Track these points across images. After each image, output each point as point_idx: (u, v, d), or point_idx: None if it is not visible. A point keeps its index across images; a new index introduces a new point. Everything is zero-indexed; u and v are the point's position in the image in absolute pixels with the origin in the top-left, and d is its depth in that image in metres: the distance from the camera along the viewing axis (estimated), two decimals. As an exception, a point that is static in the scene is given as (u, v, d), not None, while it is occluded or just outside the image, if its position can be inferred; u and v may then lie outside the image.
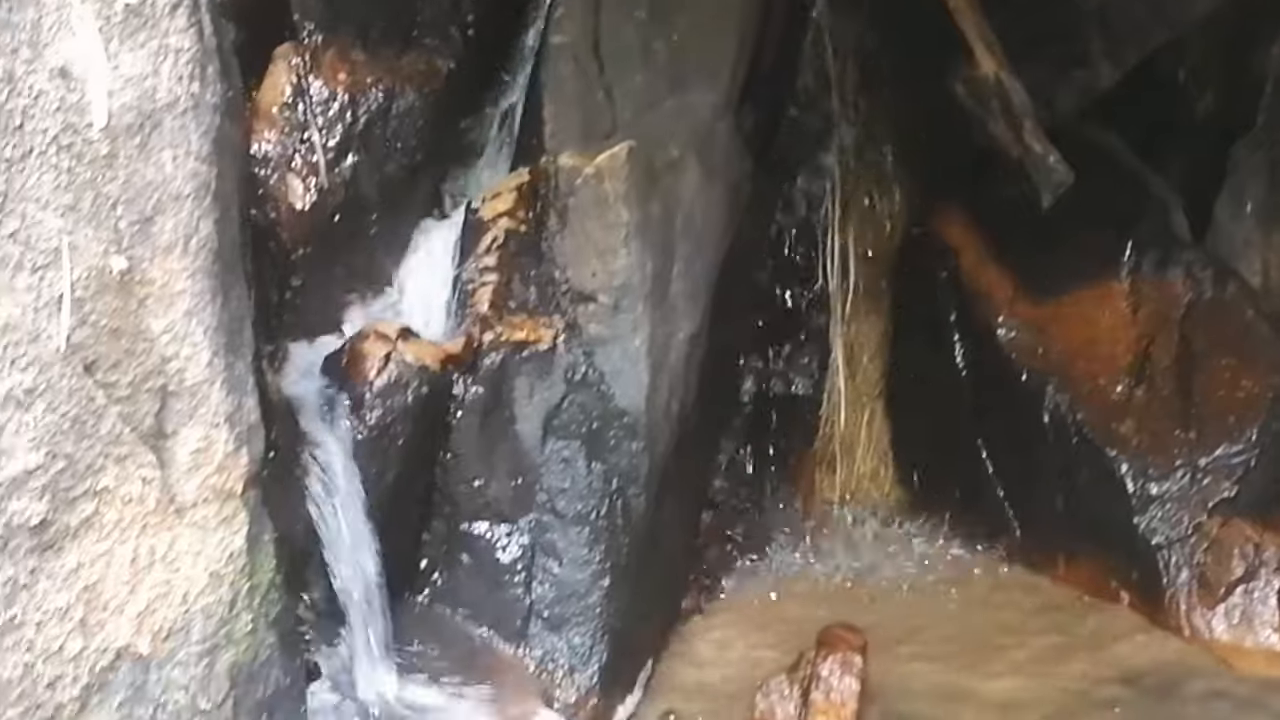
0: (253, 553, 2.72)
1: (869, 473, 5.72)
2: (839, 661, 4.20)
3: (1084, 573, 4.94)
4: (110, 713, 2.37)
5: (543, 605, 4.02)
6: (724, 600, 4.98)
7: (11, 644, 2.18)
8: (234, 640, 2.66)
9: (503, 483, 4.01)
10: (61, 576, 2.26)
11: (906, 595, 5.07)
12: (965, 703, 4.37)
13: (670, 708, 4.33)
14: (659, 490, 4.27)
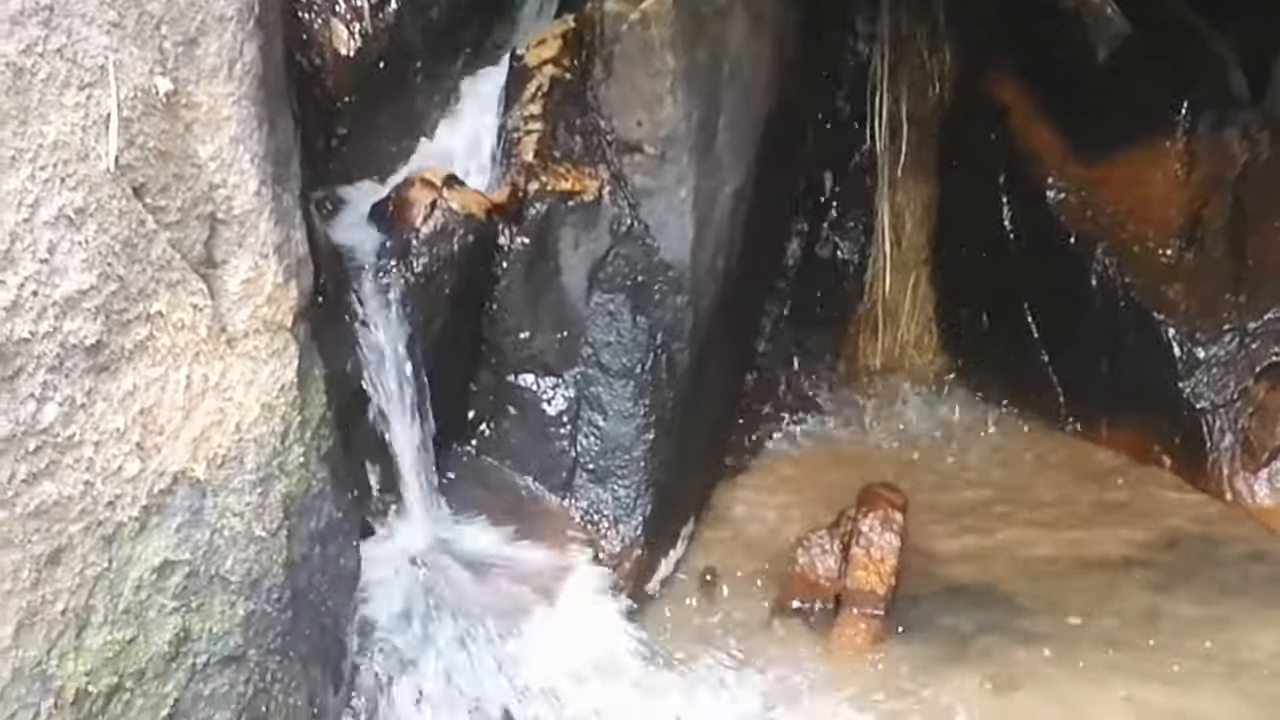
0: (304, 387, 2.74)
1: (913, 339, 5.70)
2: (880, 518, 4.24)
3: (1127, 438, 4.92)
4: (169, 535, 2.42)
5: (588, 458, 4.06)
6: (766, 461, 5.00)
7: (71, 462, 2.21)
8: (286, 472, 2.70)
9: (548, 335, 4.01)
10: (118, 399, 2.29)
11: (948, 459, 5.09)
12: (1003, 563, 4.40)
13: (711, 563, 4.38)
14: (703, 346, 4.27)
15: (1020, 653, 3.90)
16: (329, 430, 2.86)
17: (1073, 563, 4.36)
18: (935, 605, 4.14)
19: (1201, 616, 4.02)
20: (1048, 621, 4.04)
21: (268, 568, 2.64)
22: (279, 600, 2.69)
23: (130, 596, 2.36)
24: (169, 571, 2.43)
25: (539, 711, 3.45)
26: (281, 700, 2.73)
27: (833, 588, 4.16)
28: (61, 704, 2.23)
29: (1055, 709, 3.68)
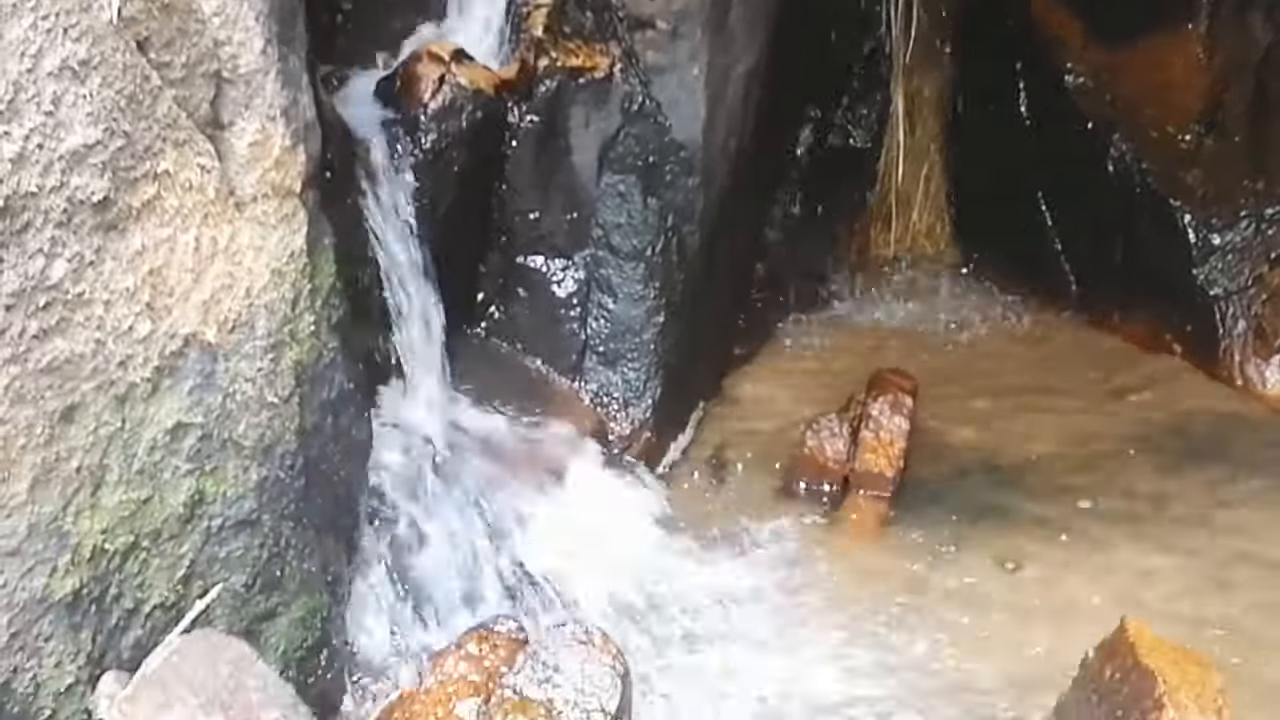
0: (313, 255, 2.73)
1: (925, 228, 5.67)
2: (889, 401, 4.25)
3: (1138, 326, 4.93)
4: (181, 397, 2.42)
5: (598, 340, 4.08)
6: (776, 348, 5.02)
7: (82, 320, 2.21)
8: (298, 339, 2.70)
9: (558, 216, 3.99)
10: (126, 258, 2.28)
11: (959, 347, 5.10)
12: (1012, 447, 4.42)
13: (720, 447, 4.40)
14: (714, 230, 4.24)
15: (1027, 533, 3.95)
16: (339, 300, 2.85)
17: (1081, 447, 4.39)
18: (943, 487, 4.17)
19: (1209, 499, 4.05)
20: (1055, 503, 4.08)
21: (280, 434, 2.65)
22: (292, 467, 2.70)
23: (144, 457, 2.37)
24: (182, 434, 2.44)
25: (548, 586, 3.46)
26: (296, 566, 2.75)
27: (841, 470, 4.19)
28: (79, 560, 2.26)
29: (1061, 588, 3.72)
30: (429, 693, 2.91)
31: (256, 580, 2.64)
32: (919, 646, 3.47)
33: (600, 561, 3.62)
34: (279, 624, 2.74)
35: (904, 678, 3.36)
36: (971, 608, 3.63)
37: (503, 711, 2.83)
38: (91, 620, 2.29)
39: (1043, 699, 3.06)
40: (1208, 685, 2.42)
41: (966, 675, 3.35)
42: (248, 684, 2.34)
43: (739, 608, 3.65)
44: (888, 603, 3.67)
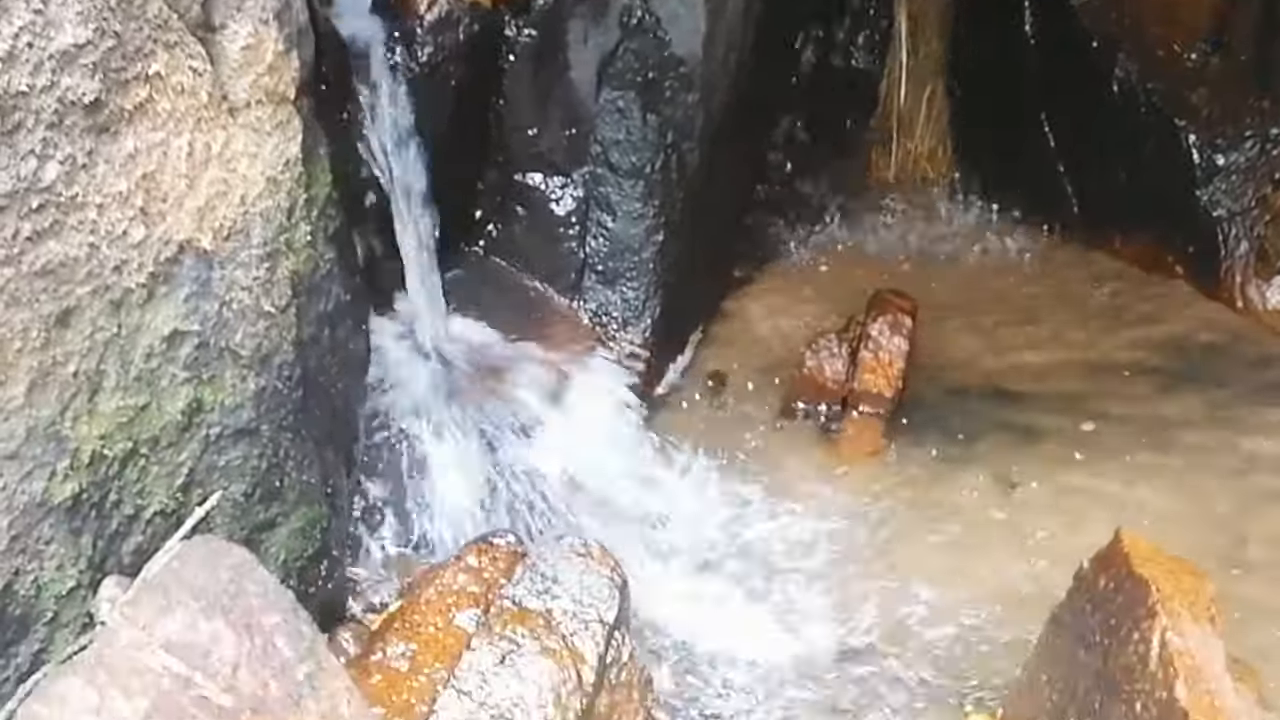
0: (309, 163, 2.70)
1: (927, 151, 5.63)
2: (889, 322, 4.25)
3: (1140, 248, 4.90)
4: (177, 304, 2.41)
5: (596, 259, 4.06)
6: (775, 270, 5.00)
7: (75, 223, 2.19)
8: (294, 249, 2.68)
9: (556, 133, 3.95)
10: (119, 161, 2.25)
11: (959, 269, 5.09)
12: (1010, 367, 4.44)
13: (719, 367, 4.41)
14: (714, 148, 4.20)
15: (1025, 452, 3.97)
16: (335, 212, 2.83)
17: (1080, 367, 4.40)
18: (942, 408, 4.19)
19: (1207, 418, 4.06)
20: (1053, 422, 4.10)
21: (277, 344, 2.65)
22: (289, 378, 2.69)
23: (141, 364, 2.36)
24: (179, 341, 2.43)
25: (547, 501, 3.47)
26: (295, 477, 2.76)
27: (840, 390, 4.20)
28: (77, 465, 2.26)
29: (1058, 505, 3.74)
30: (429, 603, 2.93)
31: (256, 490, 2.64)
32: (915, 563, 3.49)
33: (598, 479, 3.64)
34: (279, 534, 2.75)
35: (898, 595, 3.38)
36: (968, 525, 3.67)
37: (501, 622, 2.85)
38: (92, 525, 2.30)
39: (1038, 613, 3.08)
40: (1201, 594, 2.44)
41: (963, 591, 3.38)
42: (248, 589, 2.34)
43: (735, 525, 3.68)
44: (884, 521, 3.70)
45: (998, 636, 3.19)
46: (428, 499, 3.30)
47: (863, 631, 3.27)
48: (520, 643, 2.77)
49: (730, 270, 4.79)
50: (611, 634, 2.86)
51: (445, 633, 2.87)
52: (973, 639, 3.22)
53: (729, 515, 3.72)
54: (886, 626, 3.28)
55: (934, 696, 3.06)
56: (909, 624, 3.28)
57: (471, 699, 2.68)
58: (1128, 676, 2.34)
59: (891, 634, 3.25)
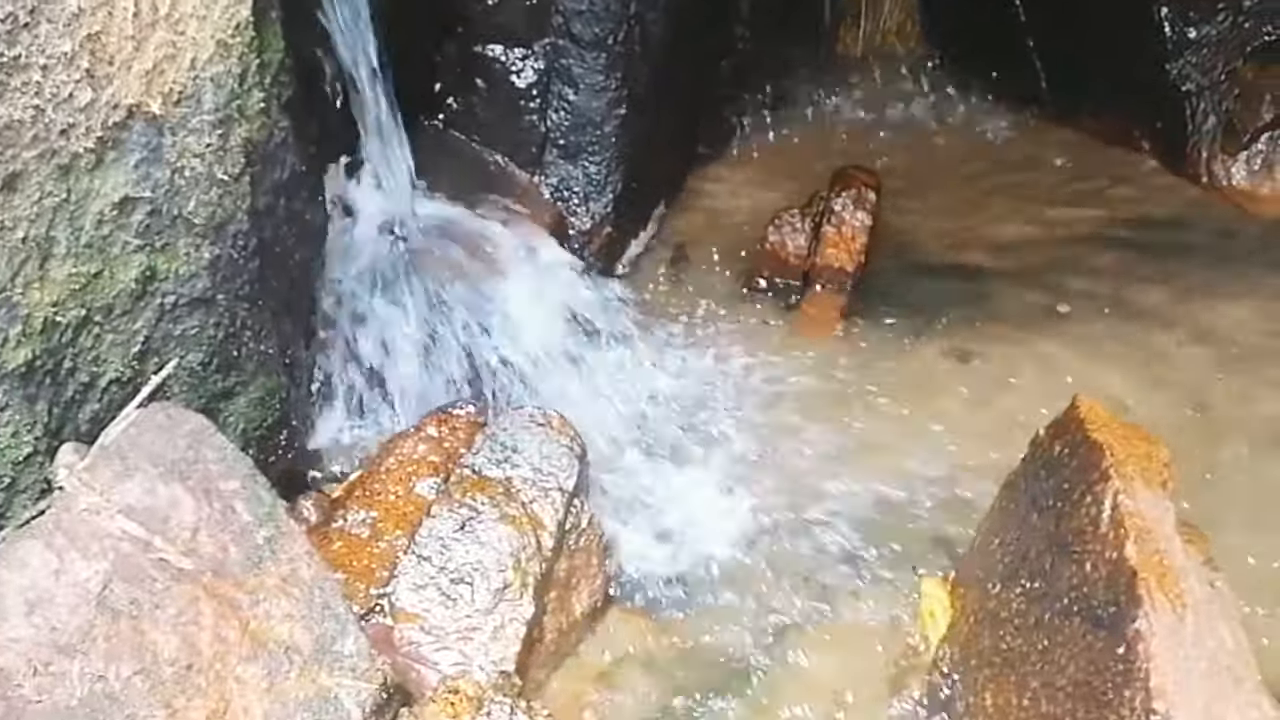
0: (260, 28, 2.64)
1: (895, 25, 5.57)
2: (852, 197, 4.23)
3: (1107, 123, 4.87)
4: (127, 170, 2.38)
5: (558, 133, 4.01)
6: (740, 147, 4.97)
7: (19, 85, 2.14)
8: (247, 116, 2.63)
9: (517, 3, 3.88)
10: (63, 21, 2.20)
11: (925, 146, 5.06)
12: (974, 243, 4.44)
13: (682, 243, 4.41)
14: (679, 19, 4.14)
15: (983, 327, 3.99)
16: (289, 79, 2.77)
17: (1042, 242, 4.41)
18: (903, 283, 4.20)
19: (1170, 290, 4.09)
20: (1013, 297, 4.12)
21: (231, 213, 2.61)
22: (245, 248, 2.67)
23: (92, 231, 2.33)
24: (130, 208, 2.40)
25: (507, 374, 3.48)
26: (253, 347, 2.75)
27: (802, 265, 4.20)
28: (29, 332, 2.24)
29: (1016, 376, 3.78)
30: (389, 472, 2.98)
31: (213, 359, 2.64)
32: (869, 433, 3.55)
33: (557, 353, 3.65)
34: (237, 403, 2.75)
35: (853, 465, 3.43)
36: (925, 396, 3.69)
37: (461, 490, 2.89)
38: (47, 392, 2.29)
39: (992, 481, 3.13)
40: (1154, 459, 2.48)
41: (916, 461, 3.43)
42: (206, 455, 2.36)
43: (693, 398, 3.71)
44: (842, 393, 3.74)
45: (950, 504, 3.25)
46: (386, 369, 3.29)
47: (815, 500, 3.31)
48: (480, 509, 2.84)
49: (695, 145, 4.74)
50: (570, 501, 2.93)
51: (405, 500, 2.92)
52: (926, 506, 3.28)
53: (686, 390, 3.73)
54: (840, 496, 3.32)
55: (887, 562, 3.11)
56: (862, 493, 3.32)
57: (431, 564, 2.76)
58: (1079, 538, 2.38)
59: (845, 503, 3.29)
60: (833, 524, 3.22)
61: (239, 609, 2.26)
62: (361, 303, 3.33)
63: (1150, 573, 2.26)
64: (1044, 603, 2.45)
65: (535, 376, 3.48)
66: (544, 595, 2.83)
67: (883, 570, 3.09)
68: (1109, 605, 2.27)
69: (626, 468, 3.34)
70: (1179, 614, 2.25)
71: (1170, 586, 2.26)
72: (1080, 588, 2.36)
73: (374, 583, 2.74)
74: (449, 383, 3.34)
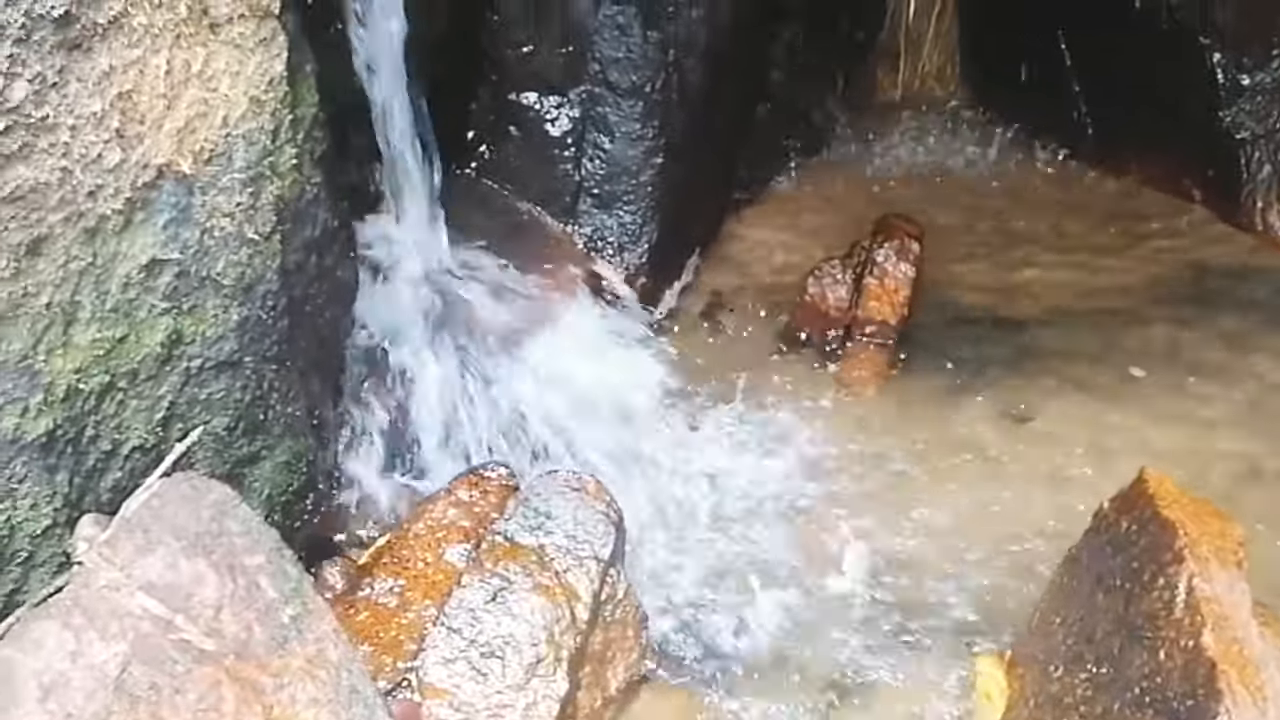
0: (295, 83, 2.56)
1: (935, 69, 5.47)
2: (895, 248, 4.11)
3: (1157, 170, 4.74)
4: (156, 231, 2.29)
5: (592, 182, 3.92)
6: (776, 193, 4.87)
7: (46, 146, 2.05)
8: (278, 173, 2.54)
9: (552, 49, 3.80)
10: (93, 80, 2.11)
11: (968, 193, 4.94)
12: (1020, 296, 4.30)
13: (718, 293, 4.28)
14: (717, 65, 4.05)
15: (1035, 384, 3.84)
16: (323, 133, 2.69)
17: (1092, 295, 4.27)
18: (948, 337, 4.07)
19: (1224, 348, 3.94)
20: (1063, 354, 3.98)
21: (261, 273, 2.52)
22: (274, 308, 2.58)
23: (118, 294, 2.24)
24: (158, 270, 2.31)
25: (540, 435, 3.37)
26: (280, 410, 2.65)
27: (843, 317, 4.06)
28: (51, 400, 2.15)
29: (1068, 439, 3.62)
30: (418, 537, 2.87)
31: (239, 423, 2.54)
32: (920, 500, 3.40)
33: (593, 410, 3.53)
34: (263, 468, 2.65)
35: (902, 532, 3.30)
36: (976, 459, 3.54)
37: (493, 557, 2.78)
38: (67, 462, 2.20)
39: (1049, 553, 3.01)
40: (1227, 538, 2.35)
41: (970, 529, 3.28)
42: (231, 528, 2.25)
43: (735, 459, 3.57)
44: (888, 454, 3.59)
45: (1006, 577, 3.10)
46: (417, 429, 3.19)
47: (864, 571, 3.17)
48: (512, 579, 2.72)
49: (730, 192, 4.63)
50: (606, 570, 2.79)
51: (435, 568, 2.80)
52: (980, 578, 3.12)
53: (725, 447, 3.59)
54: (890, 565, 3.18)
55: (938, 637, 2.97)
56: (913, 563, 3.18)
57: (461, 636, 2.63)
58: (1151, 623, 2.25)
59: (895, 573, 3.16)
60: (880, 595, 3.09)
61: (263, 693, 2.15)
62: (390, 358, 3.22)
63: (1230, 664, 2.12)
64: (1112, 690, 2.32)
65: (569, 437, 3.36)
66: (578, 670, 2.70)
67: (933, 646, 2.95)
68: (1186, 698, 2.14)
69: (664, 534, 3.21)
70: (1260, 708, 2.12)
71: (1251, 678, 2.13)
72: (1153, 677, 2.23)
73: (401, 655, 2.63)
74: (480, 442, 3.23)
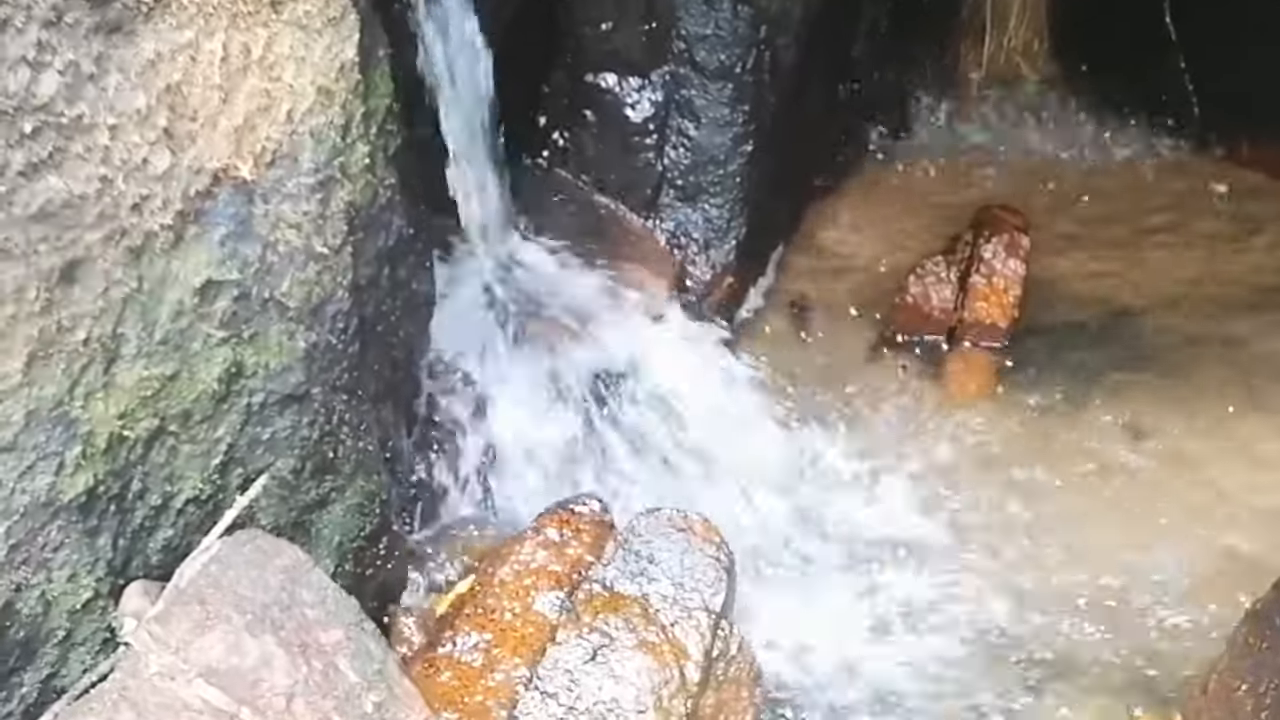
0: (367, 70, 2.21)
1: (1022, 45, 5.07)
2: (1004, 243, 3.82)
3: (1271, 155, 4.39)
4: (212, 249, 1.95)
5: (676, 172, 3.62)
6: (859, 179, 4.51)
7: (81, 150, 1.72)
8: (350, 175, 2.20)
9: (633, 27, 3.49)
10: (135, 70, 1.78)
11: (1064, 179, 4.55)
12: (1132, 291, 3.98)
13: (805, 292, 3.97)
14: (809, 44, 3.70)
15: (1156, 396, 3.57)
16: (397, 128, 2.35)
17: (1210, 290, 3.96)
18: (1058, 339, 3.77)
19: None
20: (1185, 360, 3.69)
21: (331, 291, 2.19)
22: (344, 330, 2.24)
23: (168, 324, 1.91)
24: (214, 294, 1.97)
25: (627, 448, 3.06)
26: (351, 445, 2.33)
27: (947, 320, 3.77)
28: (91, 452, 1.82)
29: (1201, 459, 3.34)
30: (503, 585, 2.56)
31: (306, 464, 2.21)
32: (1046, 530, 3.12)
33: (679, 424, 3.24)
34: (333, 512, 2.33)
35: (1031, 568, 3.01)
36: (1103, 483, 3.30)
37: (591, 609, 2.48)
38: (110, 522, 1.87)
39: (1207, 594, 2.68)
40: None
41: (1107, 565, 3.00)
42: (303, 597, 1.94)
43: (836, 477, 3.31)
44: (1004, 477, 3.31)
45: (1163, 625, 2.77)
46: (497, 456, 2.88)
47: (991, 616, 2.89)
48: (613, 634, 2.41)
49: (813, 179, 4.30)
50: (718, 623, 2.48)
51: (524, 620, 2.51)
52: (1127, 624, 2.82)
53: (827, 467, 3.33)
54: (1023, 608, 2.89)
55: (1089, 692, 2.68)
56: (1051, 605, 2.89)
57: (558, 702, 2.32)
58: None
59: (1031, 617, 2.86)
60: (1016, 646, 2.79)
61: (345, 798, 1.83)
62: (466, 377, 2.90)
63: None
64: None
65: (661, 457, 3.03)
66: None
67: (1084, 703, 2.63)
68: None
69: (772, 575, 2.88)
70: None
71: None
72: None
73: None
74: (564, 467, 2.90)
